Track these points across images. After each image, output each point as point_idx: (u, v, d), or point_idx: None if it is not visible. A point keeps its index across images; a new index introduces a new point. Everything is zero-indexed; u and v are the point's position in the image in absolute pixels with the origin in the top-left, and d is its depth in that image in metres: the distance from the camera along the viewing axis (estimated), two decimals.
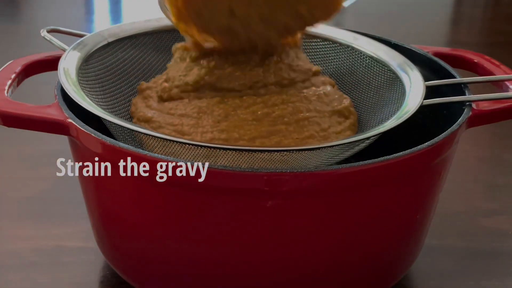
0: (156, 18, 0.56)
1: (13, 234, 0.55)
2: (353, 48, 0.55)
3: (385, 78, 0.52)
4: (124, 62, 0.53)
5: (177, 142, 0.40)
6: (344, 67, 0.55)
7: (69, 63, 0.47)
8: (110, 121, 0.42)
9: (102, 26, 0.55)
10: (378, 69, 0.53)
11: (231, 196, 0.39)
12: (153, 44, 0.55)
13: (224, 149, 0.40)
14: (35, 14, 1.20)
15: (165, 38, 0.56)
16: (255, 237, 0.41)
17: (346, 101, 0.50)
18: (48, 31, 0.52)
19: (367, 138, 0.43)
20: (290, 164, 0.41)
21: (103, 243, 0.49)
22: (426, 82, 0.48)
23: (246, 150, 0.40)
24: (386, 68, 0.52)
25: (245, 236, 0.41)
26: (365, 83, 0.53)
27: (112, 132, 0.45)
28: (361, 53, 0.54)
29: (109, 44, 0.52)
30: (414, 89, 0.47)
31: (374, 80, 0.53)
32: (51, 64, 0.51)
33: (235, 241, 0.41)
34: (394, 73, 0.51)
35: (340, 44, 0.56)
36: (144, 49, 0.55)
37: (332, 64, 0.56)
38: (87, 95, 0.44)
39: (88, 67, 0.49)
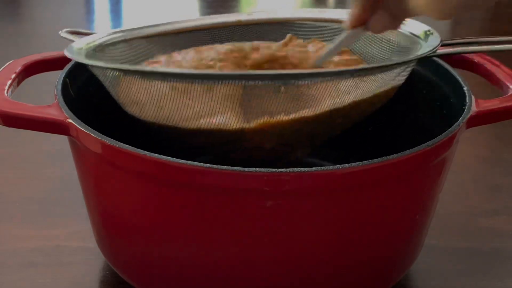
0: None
1: (13, 234, 0.55)
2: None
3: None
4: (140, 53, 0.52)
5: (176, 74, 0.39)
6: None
7: (81, 44, 0.47)
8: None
9: (102, 26, 0.54)
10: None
11: (231, 196, 0.39)
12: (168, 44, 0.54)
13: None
14: (36, 14, 1.20)
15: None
16: (255, 237, 0.41)
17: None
18: (69, 32, 0.52)
19: (408, 62, 0.42)
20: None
21: (103, 243, 0.49)
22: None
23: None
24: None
25: (245, 236, 0.41)
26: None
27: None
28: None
29: (126, 40, 0.51)
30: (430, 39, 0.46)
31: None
32: (51, 64, 0.51)
33: (235, 241, 0.41)
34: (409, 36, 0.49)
35: None
36: (161, 48, 0.54)
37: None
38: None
39: (103, 53, 0.49)
